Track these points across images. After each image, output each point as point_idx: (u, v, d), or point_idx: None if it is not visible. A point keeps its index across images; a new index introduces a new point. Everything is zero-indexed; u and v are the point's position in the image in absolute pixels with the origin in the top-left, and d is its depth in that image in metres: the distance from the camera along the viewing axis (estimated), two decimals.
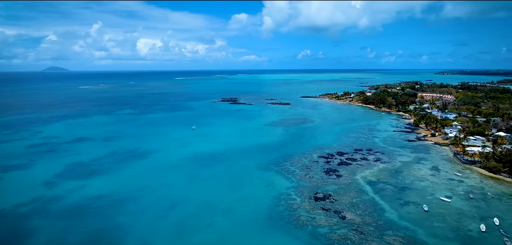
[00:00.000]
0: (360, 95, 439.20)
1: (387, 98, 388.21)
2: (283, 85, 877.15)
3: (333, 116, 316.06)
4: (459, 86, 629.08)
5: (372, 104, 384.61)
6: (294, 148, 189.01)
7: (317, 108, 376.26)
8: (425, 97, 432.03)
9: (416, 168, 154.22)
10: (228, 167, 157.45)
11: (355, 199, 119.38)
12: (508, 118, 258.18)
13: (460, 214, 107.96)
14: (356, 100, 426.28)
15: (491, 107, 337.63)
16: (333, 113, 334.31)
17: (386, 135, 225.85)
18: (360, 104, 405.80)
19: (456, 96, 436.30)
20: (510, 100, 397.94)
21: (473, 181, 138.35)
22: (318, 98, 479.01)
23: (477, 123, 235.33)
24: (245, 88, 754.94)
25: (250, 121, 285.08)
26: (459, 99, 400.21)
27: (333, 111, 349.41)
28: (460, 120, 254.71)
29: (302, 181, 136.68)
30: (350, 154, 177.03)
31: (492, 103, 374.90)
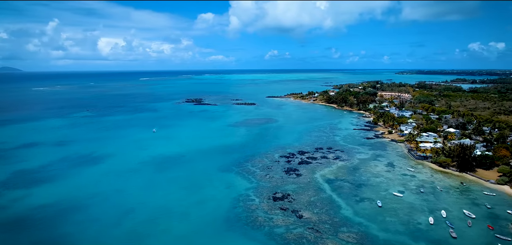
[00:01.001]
0: (323, 94, 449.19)
1: (349, 97, 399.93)
2: (250, 85, 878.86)
3: (296, 115, 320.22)
4: (416, 85, 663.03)
5: (335, 103, 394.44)
6: (256, 149, 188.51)
7: (282, 107, 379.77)
8: (385, 96, 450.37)
9: (373, 165, 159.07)
10: (187, 170, 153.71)
11: (313, 197, 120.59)
12: (458, 115, 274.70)
13: (411, 208, 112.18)
14: (319, 99, 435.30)
15: (444, 105, 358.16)
16: (297, 113, 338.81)
17: (347, 133, 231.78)
18: (323, 103, 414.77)
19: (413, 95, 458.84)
20: (461, 98, 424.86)
21: (425, 175, 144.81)
22: (283, 98, 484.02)
23: (430, 120, 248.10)
24: (211, 88, 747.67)
25: (213, 122, 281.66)
26: (415, 97, 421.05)
27: (297, 111, 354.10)
28: (415, 117, 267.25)
29: (262, 182, 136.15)
30: (311, 153, 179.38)
31: (445, 101, 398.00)
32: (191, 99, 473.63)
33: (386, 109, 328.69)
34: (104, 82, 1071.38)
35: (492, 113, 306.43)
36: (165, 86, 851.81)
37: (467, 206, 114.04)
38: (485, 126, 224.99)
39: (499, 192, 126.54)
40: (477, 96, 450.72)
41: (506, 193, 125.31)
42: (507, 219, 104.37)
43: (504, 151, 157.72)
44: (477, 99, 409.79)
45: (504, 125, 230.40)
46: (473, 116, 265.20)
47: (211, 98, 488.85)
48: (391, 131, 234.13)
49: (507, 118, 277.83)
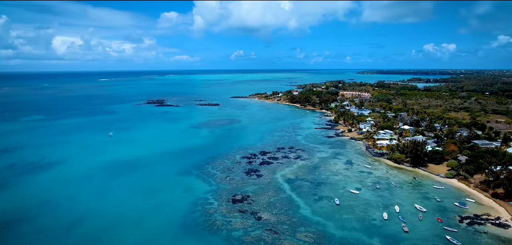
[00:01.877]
0: (287, 94, 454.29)
1: (311, 96, 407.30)
2: (215, 85, 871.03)
3: (260, 115, 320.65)
4: (375, 85, 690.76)
5: (298, 103, 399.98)
6: (218, 150, 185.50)
7: (246, 108, 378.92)
8: (346, 95, 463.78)
9: (332, 163, 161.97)
10: (144, 174, 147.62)
11: (273, 198, 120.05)
12: (412, 112, 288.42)
13: (367, 205, 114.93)
14: (283, 99, 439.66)
15: (400, 103, 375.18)
16: (261, 113, 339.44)
17: (308, 132, 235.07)
18: (287, 103, 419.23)
19: (372, 94, 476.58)
20: (416, 97, 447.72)
21: (380, 172, 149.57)
22: (247, 98, 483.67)
23: (387, 118, 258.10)
24: (174, 89, 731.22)
25: (175, 124, 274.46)
26: (374, 96, 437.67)
27: (260, 111, 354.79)
28: (373, 116, 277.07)
29: (222, 184, 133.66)
30: (272, 153, 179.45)
31: (401, 99, 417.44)
32: (153, 100, 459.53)
33: (346, 108, 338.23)
34: (59, 83, 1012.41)
35: (443, 110, 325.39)
36: (126, 87, 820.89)
37: (418, 200, 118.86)
38: (436, 123, 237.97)
39: (448, 185, 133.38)
40: (431, 94, 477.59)
41: (454, 186, 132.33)
42: (454, 211, 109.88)
43: (452, 146, 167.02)
44: (430, 97, 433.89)
45: (453, 121, 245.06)
46: (426, 114, 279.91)
47: (174, 99, 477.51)
48: (351, 129, 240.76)
49: (456, 115, 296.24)
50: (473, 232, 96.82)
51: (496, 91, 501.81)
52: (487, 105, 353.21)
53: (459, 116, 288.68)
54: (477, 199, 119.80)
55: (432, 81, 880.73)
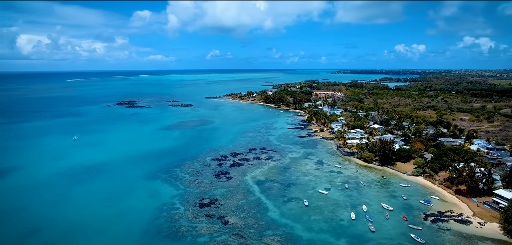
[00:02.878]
0: (261, 94, 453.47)
1: (285, 96, 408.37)
2: (189, 85, 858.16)
3: (233, 116, 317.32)
4: (348, 84, 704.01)
5: (273, 103, 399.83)
6: (188, 152, 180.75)
7: (219, 108, 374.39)
8: (319, 94, 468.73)
9: (303, 164, 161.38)
10: (108, 180, 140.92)
11: (241, 201, 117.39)
12: (382, 111, 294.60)
13: (335, 205, 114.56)
14: (258, 99, 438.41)
15: (372, 103, 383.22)
16: (234, 113, 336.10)
17: (281, 132, 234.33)
18: (261, 103, 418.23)
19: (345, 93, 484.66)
20: (387, 96, 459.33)
21: (350, 171, 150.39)
22: (222, 99, 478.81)
23: (358, 118, 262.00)
24: (147, 89, 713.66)
25: (144, 126, 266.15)
26: (346, 96, 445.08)
27: (234, 111, 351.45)
28: (345, 115, 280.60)
29: (189, 188, 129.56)
30: (244, 154, 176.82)
31: (373, 98, 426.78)
32: (123, 101, 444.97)
33: (320, 107, 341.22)
34: (24, 84, 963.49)
35: (412, 109, 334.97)
36: (96, 87, 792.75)
37: (386, 199, 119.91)
38: (405, 122, 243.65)
39: (414, 183, 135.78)
40: (401, 93, 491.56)
41: (420, 184, 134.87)
42: (419, 209, 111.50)
43: (419, 144, 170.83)
44: (400, 97, 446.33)
45: (421, 120, 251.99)
46: (396, 113, 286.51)
47: (146, 100, 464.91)
48: (323, 129, 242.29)
49: (424, 113, 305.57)
50: (436, 229, 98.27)
51: (461, 90, 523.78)
52: (453, 104, 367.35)
53: (427, 114, 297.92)
54: (441, 196, 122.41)
55: (403, 80, 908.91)
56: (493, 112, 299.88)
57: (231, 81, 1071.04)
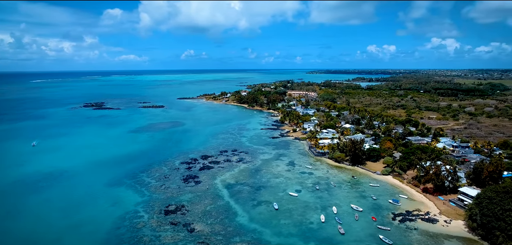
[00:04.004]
0: (235, 94, 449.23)
1: (259, 97, 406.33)
2: (162, 86, 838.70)
3: (206, 117, 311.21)
4: (322, 84, 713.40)
5: (246, 103, 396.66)
6: (156, 156, 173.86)
7: (192, 109, 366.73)
8: (293, 94, 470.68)
9: (275, 165, 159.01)
10: (68, 187, 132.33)
11: (210, 206, 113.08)
12: (354, 111, 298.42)
13: (305, 207, 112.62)
14: (231, 100, 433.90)
15: (344, 102, 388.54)
16: (207, 115, 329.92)
17: (254, 133, 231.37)
18: (235, 103, 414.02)
19: (319, 93, 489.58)
20: (359, 95, 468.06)
21: (321, 172, 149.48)
22: (195, 99, 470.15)
23: (330, 117, 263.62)
24: (117, 90, 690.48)
25: (112, 129, 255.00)
26: (320, 95, 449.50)
27: (207, 112, 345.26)
28: (318, 115, 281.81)
29: (155, 194, 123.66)
30: (214, 157, 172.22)
31: (345, 98, 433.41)
32: (91, 103, 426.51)
33: (293, 108, 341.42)
34: None
35: (383, 108, 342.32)
36: (63, 89, 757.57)
37: (356, 199, 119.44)
38: (375, 120, 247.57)
39: (384, 182, 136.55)
40: (372, 93, 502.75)
41: (389, 183, 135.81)
42: (388, 209, 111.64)
43: (388, 143, 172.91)
44: (372, 96, 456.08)
45: (390, 119, 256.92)
46: (367, 112, 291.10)
47: (115, 102, 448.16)
48: (296, 129, 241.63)
49: (394, 112, 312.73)
50: (404, 229, 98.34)
51: (429, 89, 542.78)
52: (421, 103, 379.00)
53: (397, 113, 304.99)
54: (409, 194, 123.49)
55: (375, 80, 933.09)
56: (458, 111, 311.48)
57: (206, 81, 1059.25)
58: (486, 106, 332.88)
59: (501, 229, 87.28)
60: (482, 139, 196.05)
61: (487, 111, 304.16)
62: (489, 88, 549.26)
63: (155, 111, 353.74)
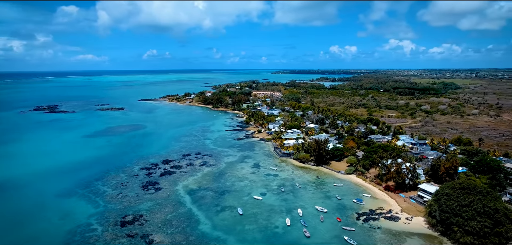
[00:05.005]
0: (200, 95, 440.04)
1: (224, 97, 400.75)
2: (122, 87, 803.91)
3: (168, 119, 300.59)
4: (287, 84, 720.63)
5: (211, 104, 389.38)
6: (113, 162, 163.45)
7: (154, 111, 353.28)
8: (259, 95, 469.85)
9: (239, 168, 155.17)
10: (13, 200, 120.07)
11: (170, 214, 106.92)
12: (318, 110, 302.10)
13: (270, 211, 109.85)
14: (196, 101, 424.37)
15: (308, 102, 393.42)
16: (170, 117, 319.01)
17: (218, 135, 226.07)
18: (199, 104, 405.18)
19: (283, 93, 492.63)
20: (323, 95, 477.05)
21: (286, 173, 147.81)
22: (157, 101, 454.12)
23: (295, 117, 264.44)
24: (72, 92, 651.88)
25: (65, 134, 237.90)
26: (285, 95, 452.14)
27: (170, 114, 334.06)
28: (283, 115, 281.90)
29: (111, 204, 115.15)
30: (176, 161, 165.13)
31: (310, 98, 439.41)
32: (43, 106, 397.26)
33: (258, 108, 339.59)
34: None
35: (345, 108, 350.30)
36: (12, 91, 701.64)
37: (321, 200, 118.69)
38: (339, 120, 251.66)
39: (347, 181, 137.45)
40: (335, 92, 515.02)
41: (353, 182, 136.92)
42: (352, 209, 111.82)
43: (351, 142, 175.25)
44: (335, 96, 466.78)
45: (353, 118, 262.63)
46: (330, 111, 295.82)
47: (70, 104, 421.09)
48: (261, 130, 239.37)
49: (356, 111, 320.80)
50: (368, 228, 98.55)
51: (388, 88, 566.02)
52: (382, 101, 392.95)
53: (359, 112, 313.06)
54: (372, 193, 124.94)
55: (337, 80, 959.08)
56: (415, 109, 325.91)
57: (169, 82, 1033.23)
58: (440, 104, 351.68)
59: (458, 225, 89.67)
60: (437, 136, 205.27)
61: (441, 109, 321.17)
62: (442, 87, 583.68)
63: (114, 114, 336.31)
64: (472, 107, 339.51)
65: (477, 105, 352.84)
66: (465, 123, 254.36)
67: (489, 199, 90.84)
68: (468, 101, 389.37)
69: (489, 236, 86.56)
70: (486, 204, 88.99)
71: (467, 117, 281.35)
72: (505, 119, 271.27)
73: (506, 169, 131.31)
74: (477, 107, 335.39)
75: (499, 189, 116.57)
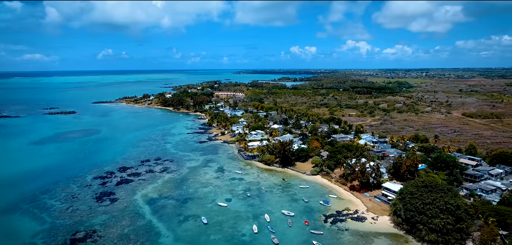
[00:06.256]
0: (159, 97, 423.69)
1: (185, 99, 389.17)
2: (75, 89, 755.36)
3: (126, 123, 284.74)
4: (249, 84, 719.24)
5: (172, 106, 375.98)
6: (63, 172, 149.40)
7: (110, 115, 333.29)
8: (221, 95, 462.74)
9: (202, 173, 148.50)
10: None
11: (128, 228, 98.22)
12: (281, 111, 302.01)
13: (237, 218, 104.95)
14: (155, 102, 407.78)
15: (271, 102, 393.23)
16: (127, 120, 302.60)
17: (179, 139, 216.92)
18: (159, 106, 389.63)
19: (246, 94, 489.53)
20: (285, 95, 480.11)
21: (252, 177, 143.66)
22: (113, 103, 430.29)
23: (258, 118, 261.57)
24: (17, 95, 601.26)
25: (8, 141, 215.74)
26: (247, 96, 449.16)
27: (127, 117, 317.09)
28: (246, 116, 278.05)
29: (60, 219, 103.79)
30: (134, 168, 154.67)
31: (272, 98, 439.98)
32: None
33: (221, 109, 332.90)
34: None
35: (308, 107, 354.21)
36: None
37: (287, 203, 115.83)
38: (302, 120, 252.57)
39: (313, 183, 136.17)
40: (297, 92, 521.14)
41: (318, 183, 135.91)
42: (319, 211, 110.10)
43: (316, 143, 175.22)
44: (297, 95, 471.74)
45: (316, 117, 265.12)
46: (293, 111, 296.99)
47: (14, 108, 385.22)
48: (224, 132, 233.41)
49: (318, 111, 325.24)
50: (336, 231, 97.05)
51: (347, 88, 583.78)
52: (342, 101, 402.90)
53: (321, 112, 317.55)
54: (338, 193, 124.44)
55: (299, 80, 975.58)
56: (374, 107, 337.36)
57: (126, 83, 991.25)
58: (396, 103, 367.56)
59: (423, 223, 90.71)
60: (396, 133, 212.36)
61: (397, 107, 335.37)
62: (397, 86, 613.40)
63: (65, 118, 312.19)
64: (425, 105, 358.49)
65: (429, 103, 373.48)
66: (420, 121, 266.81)
67: (450, 196, 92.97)
68: (421, 99, 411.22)
69: (451, 233, 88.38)
70: (448, 201, 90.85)
71: (421, 115, 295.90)
72: (454, 116, 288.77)
73: (461, 165, 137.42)
74: (429, 105, 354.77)
75: (456, 184, 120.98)
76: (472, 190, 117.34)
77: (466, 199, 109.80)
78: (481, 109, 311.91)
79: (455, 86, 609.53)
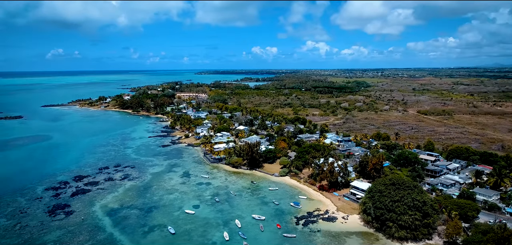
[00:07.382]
0: (117, 99, 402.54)
1: (145, 101, 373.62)
2: (20, 91, 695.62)
3: (80, 127, 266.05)
4: (212, 85, 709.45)
5: (131, 108, 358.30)
6: (8, 184, 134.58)
7: (62, 119, 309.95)
8: (183, 97, 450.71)
9: (167, 179, 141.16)
10: None
11: (86, 243, 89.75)
12: (246, 111, 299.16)
13: (206, 225, 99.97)
14: (112, 105, 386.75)
15: (235, 103, 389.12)
16: (81, 124, 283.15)
17: (140, 143, 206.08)
18: (117, 109, 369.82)
19: (209, 94, 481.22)
20: (249, 95, 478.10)
21: (219, 180, 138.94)
22: (66, 106, 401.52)
23: (223, 120, 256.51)
24: None
25: None
26: (211, 97, 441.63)
27: (82, 121, 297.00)
28: (210, 118, 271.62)
29: (6, 238, 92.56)
30: (92, 177, 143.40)
31: (236, 98, 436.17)
32: None
33: (183, 111, 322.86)
34: None
35: (272, 108, 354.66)
36: None
37: (258, 207, 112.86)
38: (267, 120, 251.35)
39: (282, 184, 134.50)
40: (261, 92, 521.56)
41: (287, 184, 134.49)
42: (290, 213, 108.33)
43: (283, 143, 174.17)
44: (260, 96, 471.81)
45: (281, 118, 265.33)
46: (258, 112, 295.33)
47: None
48: (188, 134, 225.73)
49: (283, 111, 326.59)
50: (308, 233, 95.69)
51: (309, 87, 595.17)
52: (305, 100, 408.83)
53: (285, 112, 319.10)
54: (308, 194, 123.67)
55: (261, 80, 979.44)
56: (336, 106, 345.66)
57: (80, 84, 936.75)
58: (356, 102, 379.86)
59: (392, 220, 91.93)
60: (359, 131, 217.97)
61: (358, 106, 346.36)
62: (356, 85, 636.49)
63: (9, 124, 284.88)
64: (383, 103, 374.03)
65: (387, 101, 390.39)
66: (380, 119, 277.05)
67: (417, 192, 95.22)
68: (379, 98, 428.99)
69: (419, 228, 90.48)
70: (415, 197, 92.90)
71: (381, 113, 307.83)
72: (410, 113, 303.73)
73: (421, 161, 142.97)
74: (387, 103, 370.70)
75: (418, 180, 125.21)
76: (433, 185, 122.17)
77: (429, 193, 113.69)
78: (433, 107, 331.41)
79: (409, 85, 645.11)
